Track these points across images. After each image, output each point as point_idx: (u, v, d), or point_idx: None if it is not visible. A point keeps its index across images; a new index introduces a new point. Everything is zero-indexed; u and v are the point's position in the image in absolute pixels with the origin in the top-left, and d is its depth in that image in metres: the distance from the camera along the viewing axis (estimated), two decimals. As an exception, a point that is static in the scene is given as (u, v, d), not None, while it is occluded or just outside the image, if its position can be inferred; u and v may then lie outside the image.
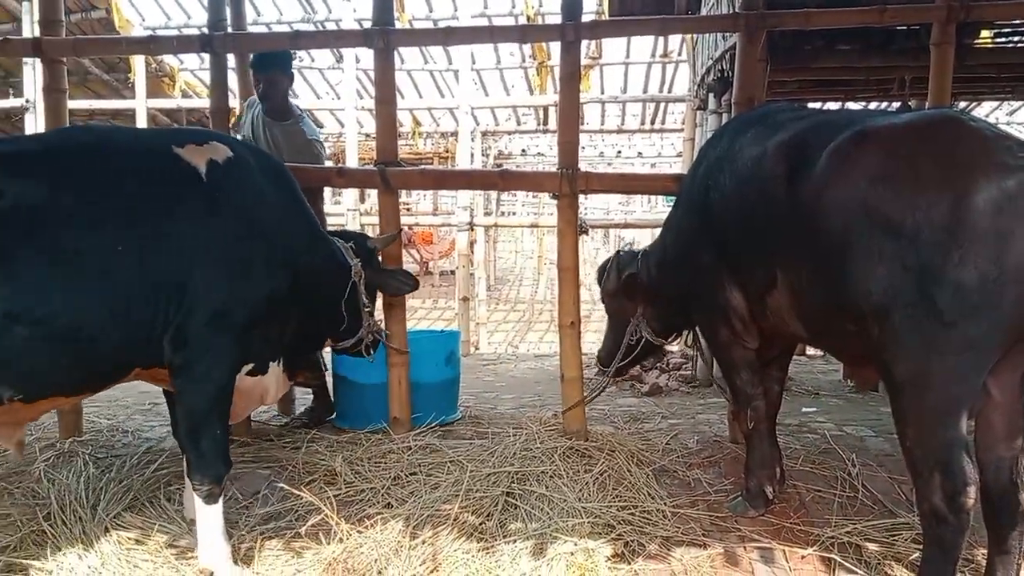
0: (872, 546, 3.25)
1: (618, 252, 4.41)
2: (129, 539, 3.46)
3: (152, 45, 5.53)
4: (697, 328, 4.20)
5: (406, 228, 11.63)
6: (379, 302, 4.55)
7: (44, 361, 2.74)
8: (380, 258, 4.32)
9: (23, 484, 3.90)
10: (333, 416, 5.20)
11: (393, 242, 4.60)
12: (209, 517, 3.12)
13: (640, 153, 18.24)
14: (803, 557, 3.24)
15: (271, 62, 4.98)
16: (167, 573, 3.22)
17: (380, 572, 3.10)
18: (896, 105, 7.80)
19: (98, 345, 2.85)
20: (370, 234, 4.96)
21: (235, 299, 3.13)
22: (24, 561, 3.23)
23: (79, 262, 2.78)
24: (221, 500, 3.17)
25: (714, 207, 3.46)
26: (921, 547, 2.74)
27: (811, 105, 7.68)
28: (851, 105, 8.34)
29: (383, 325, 4.77)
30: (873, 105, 8.68)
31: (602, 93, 14.03)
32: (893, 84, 7.01)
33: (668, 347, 4.60)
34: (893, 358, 2.62)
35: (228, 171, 3.20)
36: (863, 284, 2.65)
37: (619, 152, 18.23)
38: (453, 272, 16.14)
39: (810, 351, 8.07)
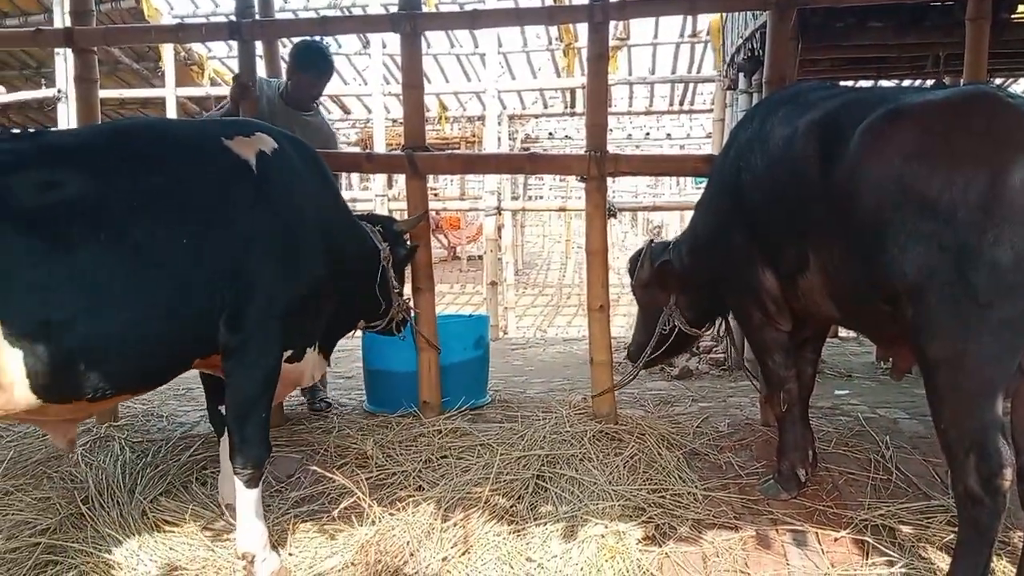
0: (906, 529, 3.23)
1: (650, 242, 4.37)
2: (165, 522, 3.53)
3: (181, 33, 5.58)
4: (730, 314, 4.17)
5: (433, 213, 11.67)
6: (408, 288, 4.58)
7: (113, 358, 2.72)
8: (408, 239, 4.37)
9: (62, 468, 3.98)
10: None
11: (419, 224, 4.62)
12: (249, 501, 3.16)
13: (669, 135, 18.10)
14: (836, 540, 3.22)
15: (330, 67, 5.12)
16: (203, 555, 3.28)
17: (412, 554, 3.14)
18: (930, 83, 7.68)
19: (164, 339, 2.86)
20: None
21: (284, 287, 3.18)
22: (64, 543, 3.30)
23: (144, 255, 2.77)
24: (261, 484, 3.22)
25: (745, 188, 3.43)
26: (956, 530, 2.71)
27: (843, 83, 7.59)
28: (884, 83, 8.22)
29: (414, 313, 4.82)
30: (906, 83, 8.56)
31: (630, 74, 13.93)
32: (927, 61, 6.90)
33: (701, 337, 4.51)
34: (928, 339, 2.59)
35: (274, 162, 3.26)
36: (897, 264, 2.62)
37: (647, 134, 18.11)
38: (481, 257, 16.16)
39: (842, 332, 8.01)
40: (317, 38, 5.26)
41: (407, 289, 4.73)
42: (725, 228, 3.64)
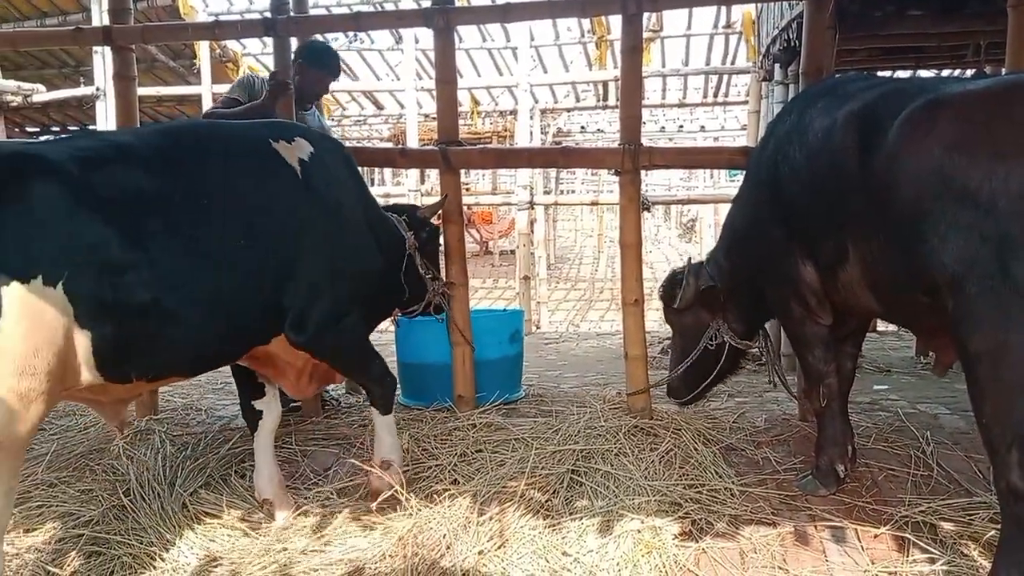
0: (947, 525, 3.19)
1: (689, 260, 4.26)
2: (205, 514, 3.59)
3: (217, 30, 5.64)
4: (770, 306, 4.10)
5: (465, 208, 11.74)
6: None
7: (174, 342, 2.92)
8: (435, 222, 4.51)
9: (103, 461, 4.06)
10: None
11: (441, 208, 4.74)
12: (388, 423, 3.80)
13: (703, 127, 17.95)
14: (876, 536, 3.20)
15: (339, 68, 5.16)
16: (242, 546, 3.34)
17: (449, 547, 3.17)
18: (971, 72, 7.54)
19: (220, 328, 3.08)
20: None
21: (341, 280, 3.50)
22: (106, 535, 3.38)
23: (206, 248, 2.98)
24: (393, 408, 3.81)
25: (784, 181, 3.41)
26: (999, 527, 2.68)
27: (881, 74, 7.48)
28: (923, 73, 8.10)
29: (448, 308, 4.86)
30: (946, 72, 8.41)
31: (663, 66, 13.84)
32: (967, 50, 6.78)
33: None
34: (969, 331, 2.55)
35: (316, 163, 3.52)
36: (937, 255, 2.59)
37: (681, 126, 17.97)
38: (513, 251, 16.18)
39: (881, 327, 7.91)
40: (318, 37, 5.33)
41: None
42: (763, 221, 3.61)
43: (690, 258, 4.26)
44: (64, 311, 2.54)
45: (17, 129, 14.61)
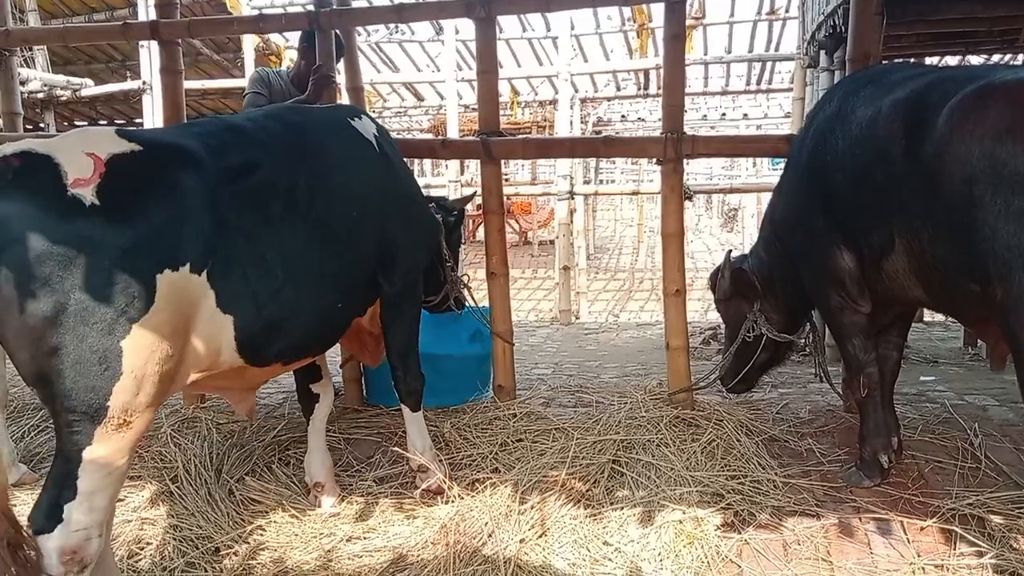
0: (996, 519, 3.14)
1: (729, 252, 4.24)
2: (251, 501, 3.66)
3: (261, 23, 5.71)
4: (810, 295, 4.07)
5: (506, 198, 11.75)
6: (482, 272, 4.64)
7: (307, 324, 3.04)
8: (462, 214, 4.62)
9: (151, 448, 4.14)
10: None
11: (468, 203, 4.81)
12: (418, 421, 3.79)
13: (745, 115, 17.72)
14: (922, 529, 3.16)
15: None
16: (287, 530, 3.40)
17: (490, 535, 3.19)
18: (1022, 58, 7.36)
19: (343, 303, 3.25)
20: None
21: (416, 248, 3.76)
22: (153, 520, 3.46)
23: (327, 228, 3.10)
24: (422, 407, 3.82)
25: (826, 169, 3.38)
26: (1051, 520, 2.64)
27: (930, 60, 7.34)
28: (972, 59, 7.92)
29: (487, 297, 4.89)
30: (996, 58, 8.22)
31: (705, 54, 13.69)
32: (1019, 35, 6.60)
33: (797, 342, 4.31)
34: (1018, 321, 2.51)
35: (383, 137, 3.73)
36: (987, 244, 2.55)
37: (723, 114, 17.76)
38: (552, 242, 16.14)
39: (928, 317, 7.77)
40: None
41: (484, 279, 4.84)
42: (804, 210, 3.58)
43: (729, 250, 4.23)
44: (207, 297, 2.62)
45: (66, 123, 14.93)
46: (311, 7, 5.01)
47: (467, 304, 4.68)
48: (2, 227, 2.23)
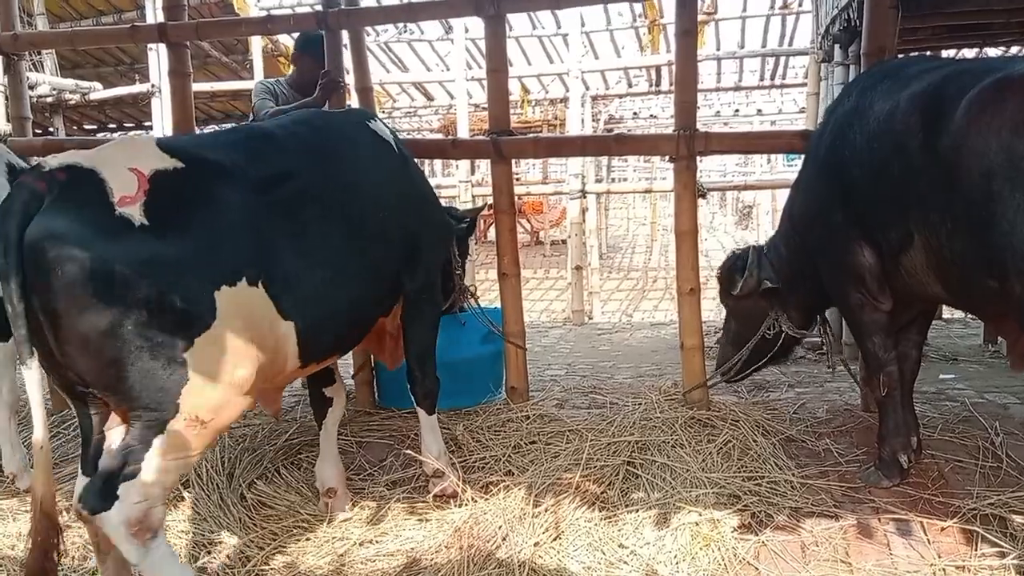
0: (1018, 518, 3.12)
1: (752, 248, 4.22)
2: (263, 505, 3.67)
3: (270, 25, 5.72)
4: (829, 292, 4.05)
5: (517, 198, 11.73)
6: (494, 273, 4.65)
7: (347, 323, 3.16)
8: (473, 224, 4.65)
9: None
10: None
11: (478, 214, 4.84)
12: (433, 425, 3.81)
13: (759, 110, 17.66)
14: (942, 529, 3.14)
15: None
16: (301, 533, 3.40)
17: (504, 539, 3.19)
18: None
19: (374, 302, 3.38)
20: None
21: (434, 248, 3.84)
22: (167, 524, 3.46)
23: (360, 231, 3.19)
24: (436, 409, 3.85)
25: (844, 164, 3.36)
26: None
27: (946, 53, 7.28)
28: (990, 52, 7.86)
29: (499, 297, 4.91)
30: (1015, 50, 8.15)
31: (718, 49, 13.66)
32: (1038, 26, 6.55)
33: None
34: (1041, 319, 2.49)
35: (397, 139, 3.81)
36: (1005, 238, 2.53)
37: (736, 110, 17.71)
38: (564, 241, 16.14)
39: (947, 313, 7.72)
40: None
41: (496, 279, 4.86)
42: (822, 206, 3.56)
43: (753, 245, 4.21)
44: (267, 306, 2.70)
45: (75, 127, 15.03)
46: (319, 7, 5.01)
47: (477, 307, 4.70)
48: (55, 244, 2.29)
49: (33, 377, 2.33)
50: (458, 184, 12.69)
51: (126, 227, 2.37)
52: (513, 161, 5.02)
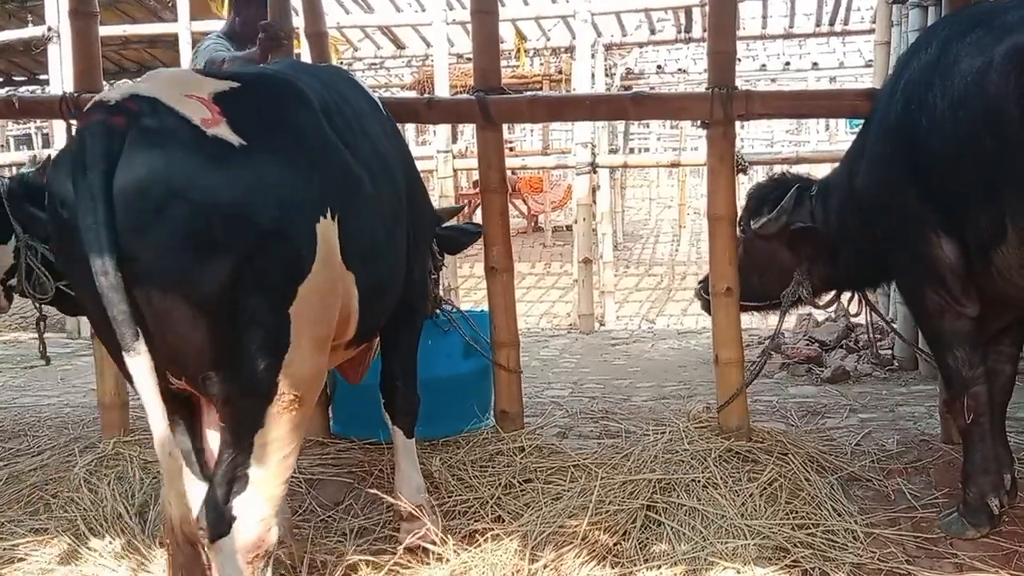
0: None
1: (786, 179, 4.33)
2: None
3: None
4: (900, 291, 4.10)
5: (510, 173, 11.73)
6: (480, 267, 4.67)
7: (385, 299, 3.29)
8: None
9: (61, 493, 4.17)
10: None
11: (455, 216, 5.04)
12: (412, 452, 3.91)
13: (815, 64, 17.69)
14: (1042, 591, 3.16)
15: None
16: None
17: (493, 603, 3.20)
18: None
19: (398, 281, 3.46)
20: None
21: (426, 229, 4.01)
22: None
23: (392, 199, 3.33)
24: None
25: (920, 133, 3.38)
26: None
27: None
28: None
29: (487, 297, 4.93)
30: None
31: (763, -12, 13.70)
32: None
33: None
34: None
35: (384, 104, 3.91)
36: None
37: (787, 64, 17.74)
38: (570, 227, 16.15)
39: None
40: None
41: (479, 268, 4.88)
42: (891, 185, 3.58)
43: (801, 181, 4.34)
44: (338, 251, 2.78)
45: (-53, 81, 14.95)
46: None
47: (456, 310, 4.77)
48: (160, 184, 2.33)
49: (144, 365, 2.34)
50: (436, 155, 12.63)
51: (228, 150, 2.44)
52: (506, 127, 5.01)
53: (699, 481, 3.97)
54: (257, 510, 2.62)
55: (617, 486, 3.95)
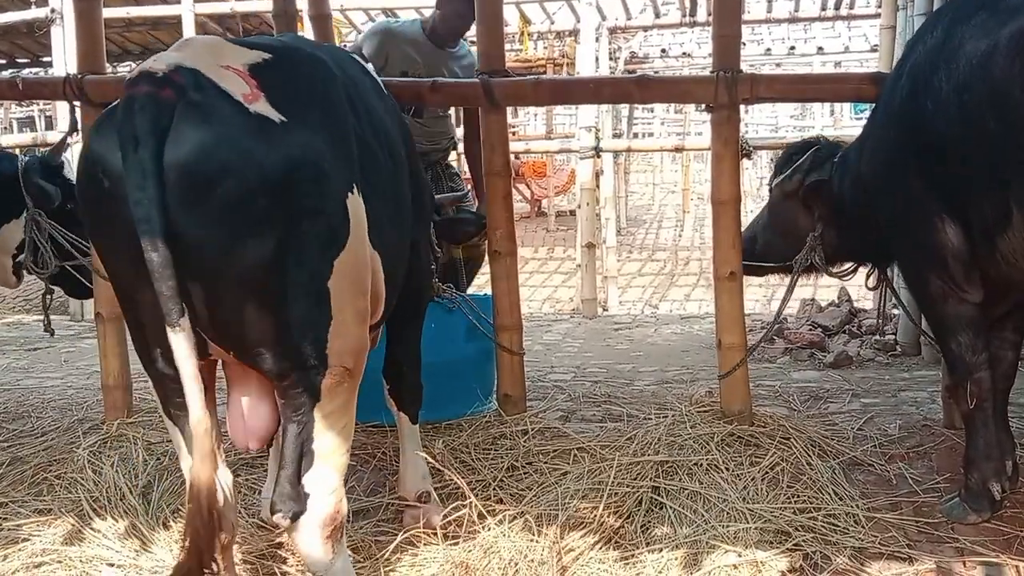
0: None
1: (817, 142, 4.38)
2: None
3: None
4: (903, 276, 4.11)
5: (513, 157, 11.73)
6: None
7: (392, 284, 3.19)
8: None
9: (64, 474, 4.19)
10: None
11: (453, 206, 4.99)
12: (417, 438, 3.95)
13: (820, 48, 17.65)
14: (1043, 576, 3.17)
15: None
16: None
17: (495, 584, 3.21)
18: None
19: (403, 264, 3.41)
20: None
21: (428, 213, 4.05)
22: (70, 560, 3.48)
23: (400, 178, 3.33)
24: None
25: (925, 117, 3.38)
26: None
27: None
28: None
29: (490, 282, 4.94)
30: None
31: (768, -29, 13.65)
32: None
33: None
34: None
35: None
36: None
37: (792, 48, 17.69)
38: (573, 212, 16.15)
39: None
40: None
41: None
42: (896, 167, 3.58)
43: (822, 146, 4.38)
44: (365, 227, 2.80)
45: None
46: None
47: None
48: (210, 159, 2.35)
49: (187, 342, 2.36)
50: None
51: (270, 127, 2.47)
52: (509, 111, 5.00)
53: (701, 465, 3.99)
54: (328, 482, 2.71)
55: (620, 469, 3.95)
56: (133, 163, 2.28)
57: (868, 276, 4.52)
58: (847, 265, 4.47)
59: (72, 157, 5.18)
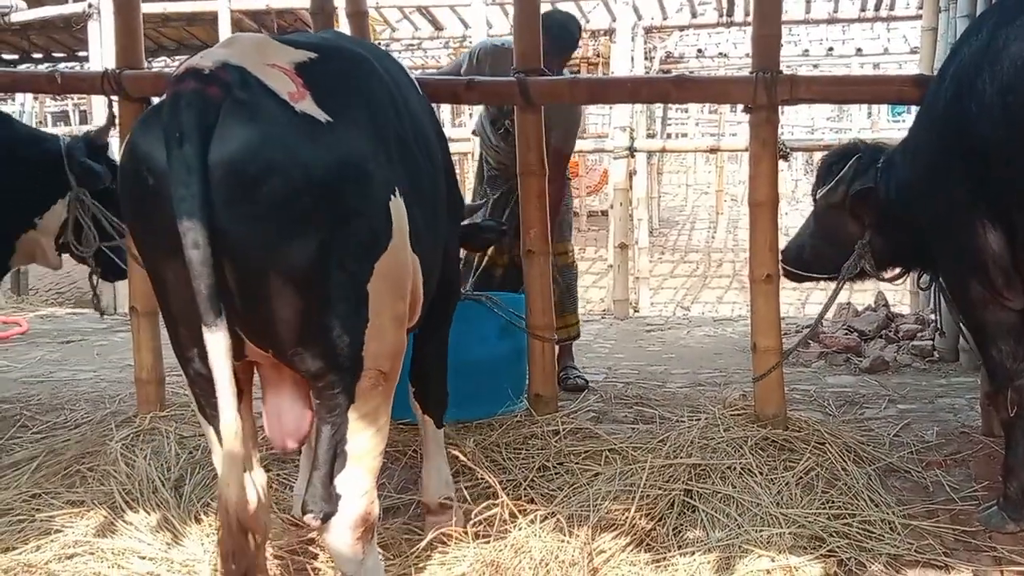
0: None
1: (857, 148, 4.34)
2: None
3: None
4: (941, 280, 4.08)
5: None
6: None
7: (427, 288, 3.18)
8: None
9: (97, 467, 4.23)
10: None
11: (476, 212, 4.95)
12: (442, 443, 3.89)
13: (859, 49, 17.54)
14: (1083, 588, 3.14)
15: (566, 39, 5.67)
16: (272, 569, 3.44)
17: (527, 585, 3.22)
18: None
19: (439, 267, 3.41)
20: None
21: (458, 213, 4.00)
22: (102, 554, 3.52)
23: (431, 183, 3.24)
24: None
25: (969, 120, 3.36)
26: None
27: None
28: None
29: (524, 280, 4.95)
30: None
31: (807, -30, 13.58)
32: None
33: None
34: None
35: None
36: None
37: (830, 49, 17.59)
38: (605, 213, 16.11)
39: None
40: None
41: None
42: (938, 173, 3.56)
43: (865, 149, 4.33)
44: (407, 231, 2.80)
45: (-8, 56, 15.09)
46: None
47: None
48: (257, 158, 2.37)
49: (222, 342, 2.37)
50: (472, 138, 12.65)
51: (316, 127, 2.49)
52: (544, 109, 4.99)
53: (735, 468, 3.98)
54: (360, 484, 2.72)
55: (652, 471, 3.96)
56: (178, 159, 2.29)
57: (919, 278, 4.51)
58: (897, 270, 4.45)
59: (111, 152, 5.26)
